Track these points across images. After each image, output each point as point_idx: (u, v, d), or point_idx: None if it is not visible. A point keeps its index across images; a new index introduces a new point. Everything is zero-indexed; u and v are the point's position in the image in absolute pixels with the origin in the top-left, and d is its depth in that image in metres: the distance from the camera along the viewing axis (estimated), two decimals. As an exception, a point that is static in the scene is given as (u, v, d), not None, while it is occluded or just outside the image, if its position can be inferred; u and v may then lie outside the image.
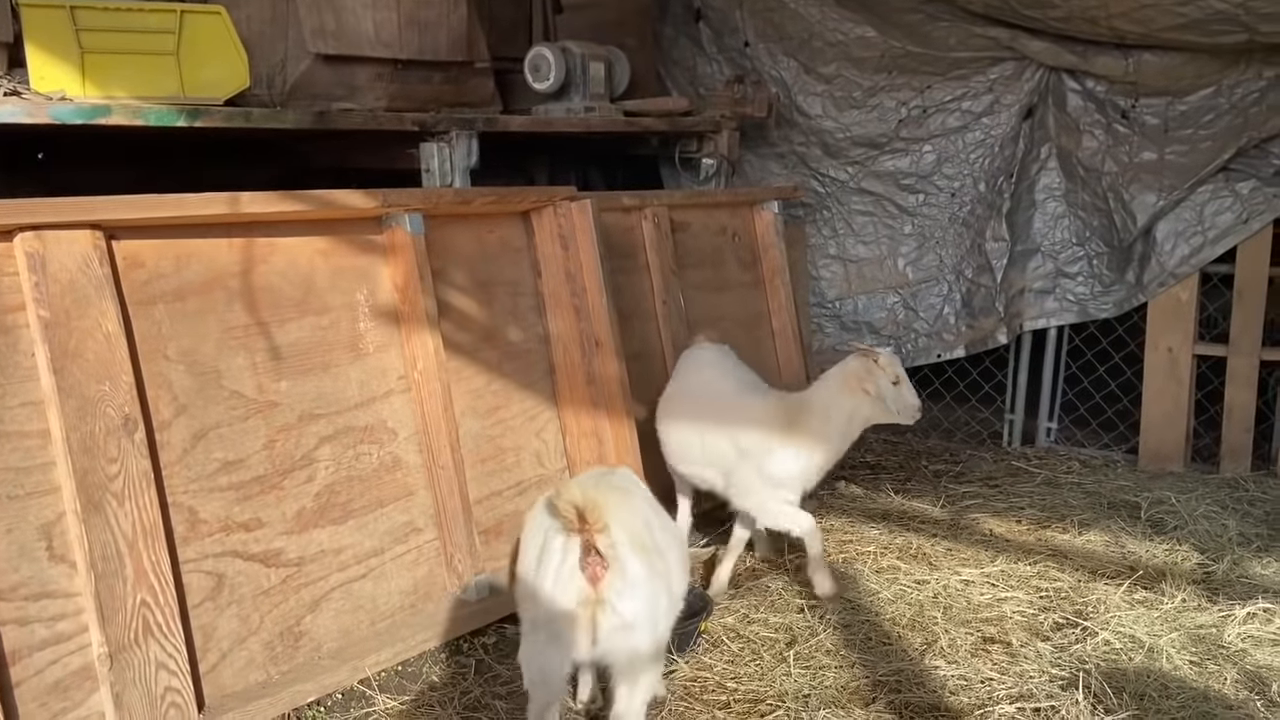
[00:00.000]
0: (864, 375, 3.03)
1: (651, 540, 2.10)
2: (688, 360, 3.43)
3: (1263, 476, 4.04)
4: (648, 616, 2.04)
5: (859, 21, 4.43)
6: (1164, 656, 2.66)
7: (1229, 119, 4.01)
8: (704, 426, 3.16)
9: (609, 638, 2.02)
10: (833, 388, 3.09)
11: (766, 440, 3.04)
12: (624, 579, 1.99)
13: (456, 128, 3.31)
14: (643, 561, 2.03)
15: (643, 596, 2.02)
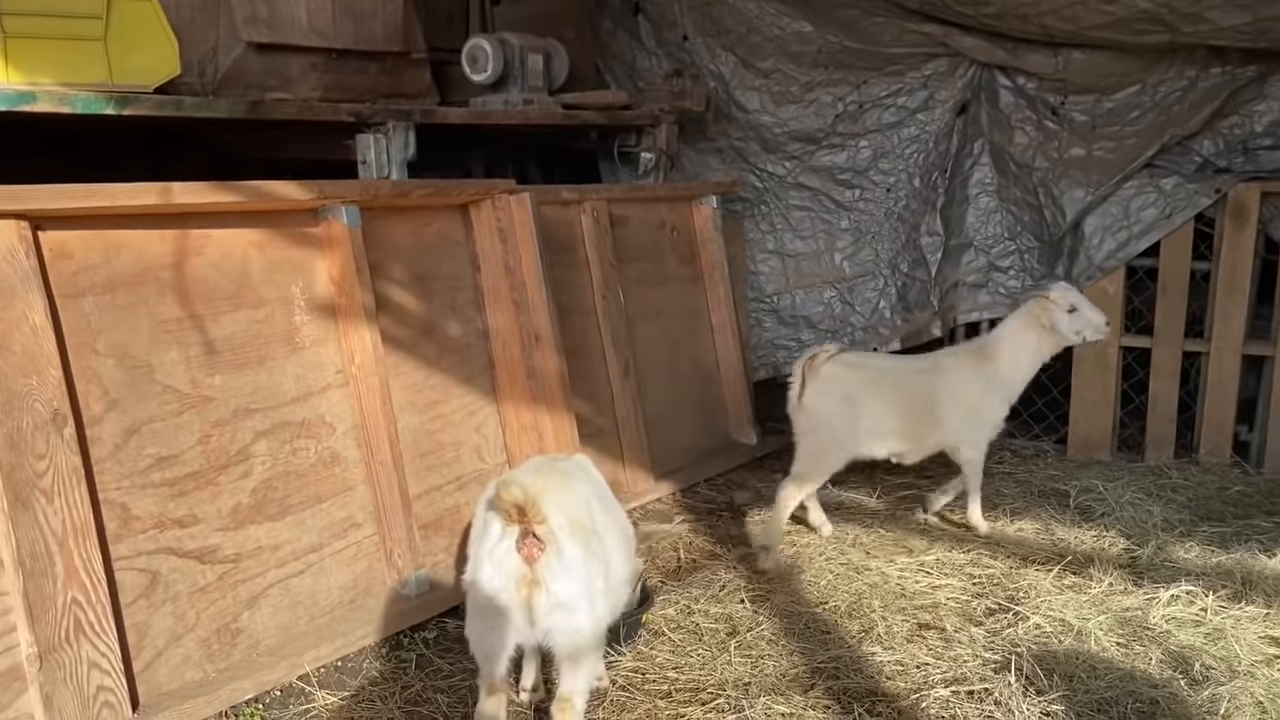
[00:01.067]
0: (1039, 313, 3.45)
1: (591, 523, 2.16)
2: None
3: (1185, 464, 4.18)
4: (584, 597, 2.10)
5: (796, 17, 4.47)
6: (1092, 639, 2.74)
7: (1153, 117, 4.13)
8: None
9: (546, 618, 2.08)
10: (1015, 326, 3.52)
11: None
12: (559, 560, 2.06)
13: (393, 119, 3.27)
14: (579, 544, 2.10)
15: (578, 578, 2.09)
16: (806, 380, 3.42)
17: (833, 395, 3.39)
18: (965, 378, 3.49)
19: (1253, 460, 4.17)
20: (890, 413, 3.42)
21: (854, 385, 3.41)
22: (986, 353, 3.54)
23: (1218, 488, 3.92)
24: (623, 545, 2.31)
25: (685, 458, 4.18)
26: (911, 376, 3.54)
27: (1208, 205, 4.09)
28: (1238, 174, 4.10)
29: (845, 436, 3.40)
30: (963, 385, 3.47)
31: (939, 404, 3.46)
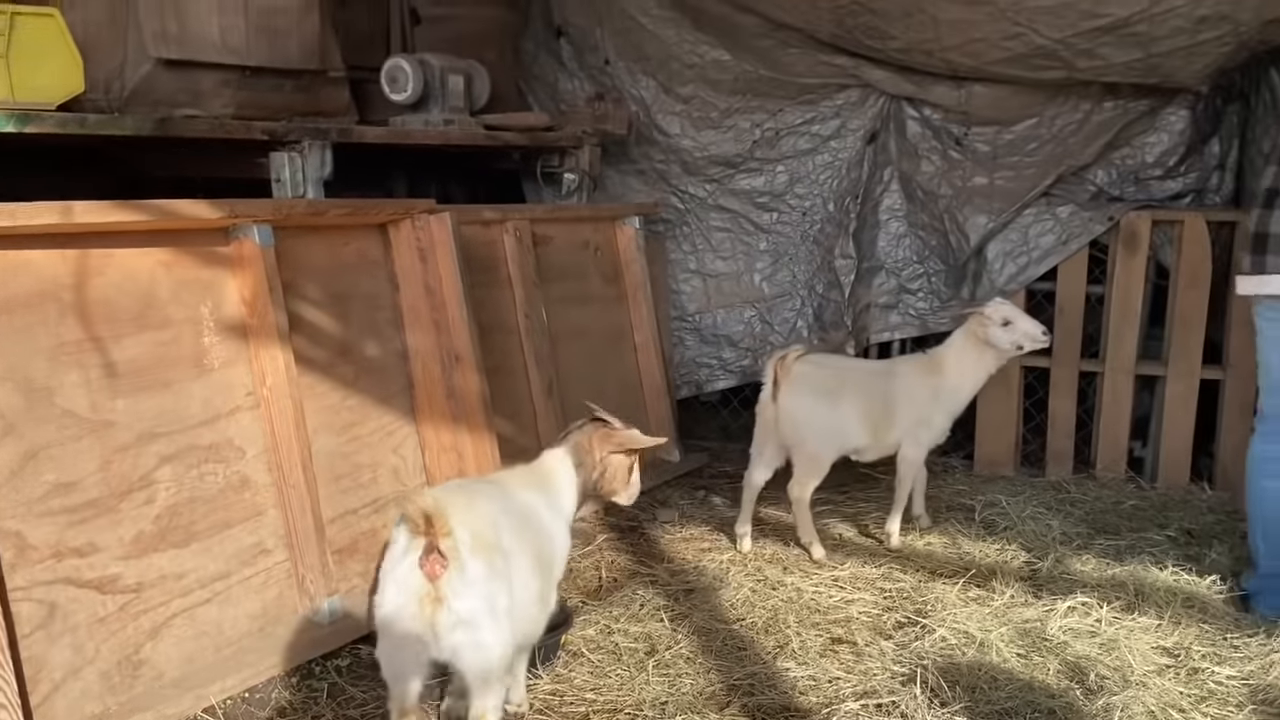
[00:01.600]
0: (976, 328, 3.62)
1: (496, 540, 2.15)
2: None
3: (1083, 479, 4.35)
4: (488, 614, 2.10)
5: (714, 45, 4.57)
6: (994, 650, 2.83)
7: (1050, 148, 4.32)
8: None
9: (449, 634, 2.08)
10: (958, 342, 3.69)
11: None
12: (461, 577, 2.06)
13: (309, 137, 3.24)
14: (482, 560, 2.10)
15: (480, 595, 2.09)
16: (780, 379, 3.52)
17: (806, 391, 3.51)
18: (916, 384, 3.66)
19: (1146, 475, 4.36)
20: (854, 410, 3.56)
21: (824, 382, 3.55)
22: (936, 362, 3.71)
23: (1113, 502, 4.08)
24: (535, 565, 2.32)
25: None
26: (870, 378, 3.72)
27: (1101, 232, 4.29)
28: (1129, 203, 4.31)
29: (826, 428, 3.54)
30: (914, 391, 3.64)
31: (895, 405, 3.62)
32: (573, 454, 2.54)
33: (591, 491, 2.57)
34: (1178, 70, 3.83)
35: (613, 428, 2.55)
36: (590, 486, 2.55)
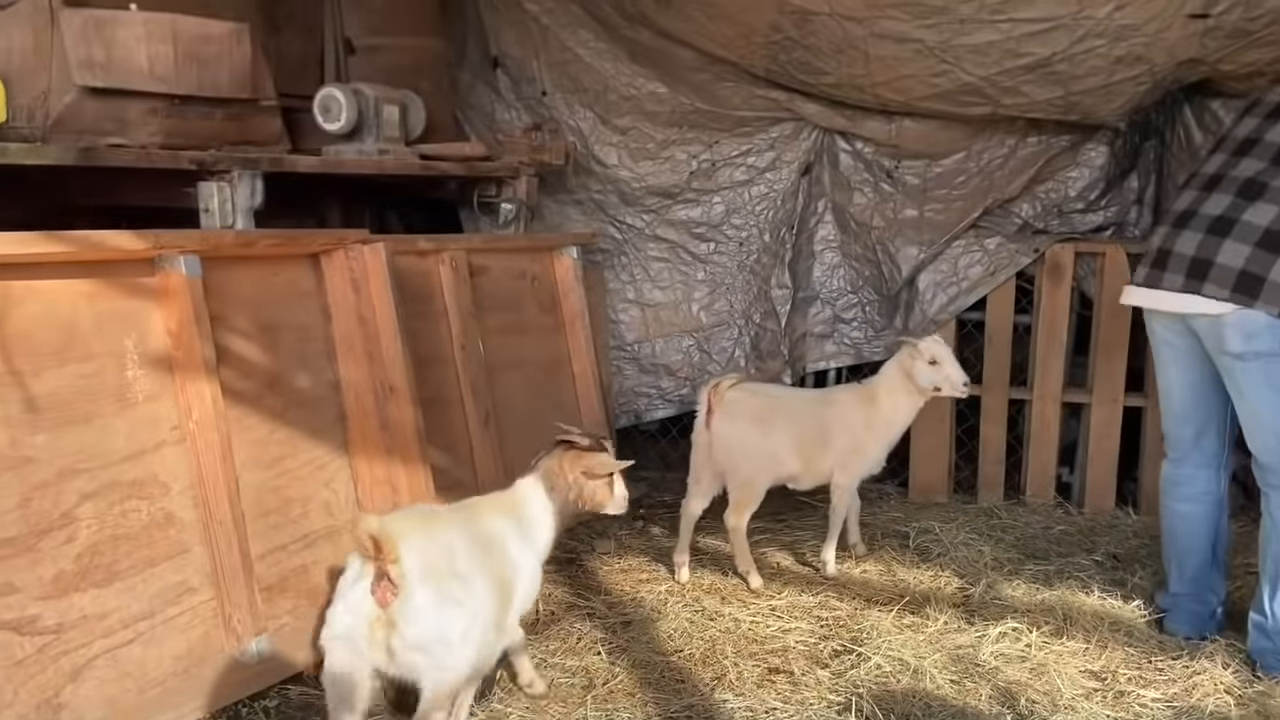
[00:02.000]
0: (905, 360, 3.63)
1: (450, 567, 2.26)
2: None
3: (1014, 505, 4.44)
4: (439, 641, 2.21)
5: (650, 78, 4.62)
6: (928, 677, 2.87)
7: (977, 181, 4.44)
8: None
9: (403, 655, 2.19)
10: (891, 372, 3.71)
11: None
12: (410, 604, 2.16)
13: (239, 167, 3.19)
14: (433, 588, 2.20)
15: (431, 622, 2.20)
16: (713, 406, 3.53)
17: (739, 418, 3.53)
18: (851, 414, 3.70)
19: (1074, 500, 4.47)
20: (787, 437, 3.59)
21: (757, 410, 3.57)
22: (870, 393, 3.75)
23: (1043, 527, 4.17)
24: (493, 591, 2.35)
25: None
26: (804, 406, 3.76)
27: (1028, 263, 4.41)
28: (1054, 235, 4.44)
29: (760, 455, 3.56)
30: (848, 420, 3.68)
31: (829, 434, 3.65)
32: (544, 480, 2.64)
33: (573, 510, 2.67)
34: (1096, 107, 3.96)
35: (581, 450, 2.64)
36: (570, 506, 2.65)
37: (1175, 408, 3.19)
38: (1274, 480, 2.89)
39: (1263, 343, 2.81)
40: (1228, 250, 2.83)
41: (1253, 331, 2.82)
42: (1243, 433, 3.00)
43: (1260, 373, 2.85)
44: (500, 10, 4.79)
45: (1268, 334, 2.80)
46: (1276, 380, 2.84)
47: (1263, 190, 2.84)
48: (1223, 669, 2.91)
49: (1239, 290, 2.80)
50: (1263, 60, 3.69)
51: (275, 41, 4.42)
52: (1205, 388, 3.07)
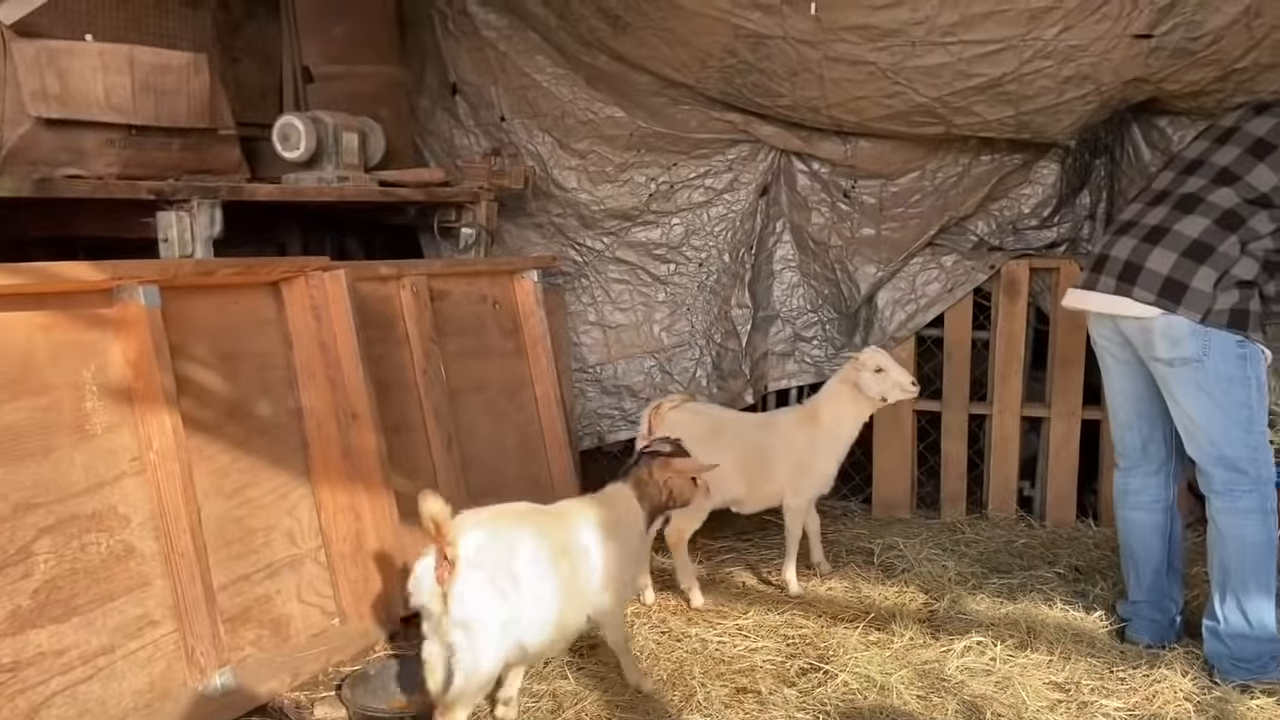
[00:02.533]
0: (850, 373, 3.68)
1: (505, 562, 2.49)
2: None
3: (977, 519, 4.48)
4: (478, 623, 2.43)
5: (608, 102, 4.67)
6: (894, 693, 2.89)
7: (933, 200, 4.52)
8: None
9: (449, 632, 2.45)
10: (834, 388, 3.75)
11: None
12: (458, 585, 2.41)
13: (197, 196, 3.18)
14: (482, 576, 2.43)
15: (472, 606, 2.42)
16: (653, 427, 3.56)
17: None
18: (795, 436, 3.72)
19: (1036, 513, 4.53)
20: (728, 460, 3.56)
21: (698, 431, 3.56)
22: (811, 412, 3.78)
23: (1005, 541, 4.22)
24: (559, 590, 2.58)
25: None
26: (749, 429, 3.77)
27: (984, 280, 4.48)
28: (1009, 251, 4.52)
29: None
30: (793, 442, 3.70)
31: (772, 458, 3.67)
32: (635, 487, 2.89)
33: (661, 510, 2.97)
34: (1047, 126, 4.05)
35: (668, 457, 2.92)
36: (659, 507, 2.94)
37: (1121, 417, 3.27)
38: (1214, 486, 2.97)
39: (1188, 349, 2.89)
40: (1157, 257, 2.92)
41: (1177, 338, 2.89)
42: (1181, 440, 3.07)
43: (1189, 379, 2.92)
44: (458, 38, 4.81)
45: (1191, 340, 2.88)
46: (1206, 385, 2.91)
47: (1197, 204, 2.94)
48: (1181, 676, 2.96)
49: (1164, 295, 2.88)
50: (1205, 79, 3.79)
51: (233, 71, 4.42)
52: (1147, 396, 3.14)
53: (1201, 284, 2.85)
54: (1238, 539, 2.94)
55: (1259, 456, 2.94)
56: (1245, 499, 2.92)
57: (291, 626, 3.10)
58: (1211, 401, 2.91)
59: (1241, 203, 2.88)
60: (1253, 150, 2.93)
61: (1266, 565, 2.95)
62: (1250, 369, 2.91)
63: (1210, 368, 2.88)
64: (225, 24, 4.42)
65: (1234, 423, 2.92)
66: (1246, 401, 2.91)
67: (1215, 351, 2.87)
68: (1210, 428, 2.94)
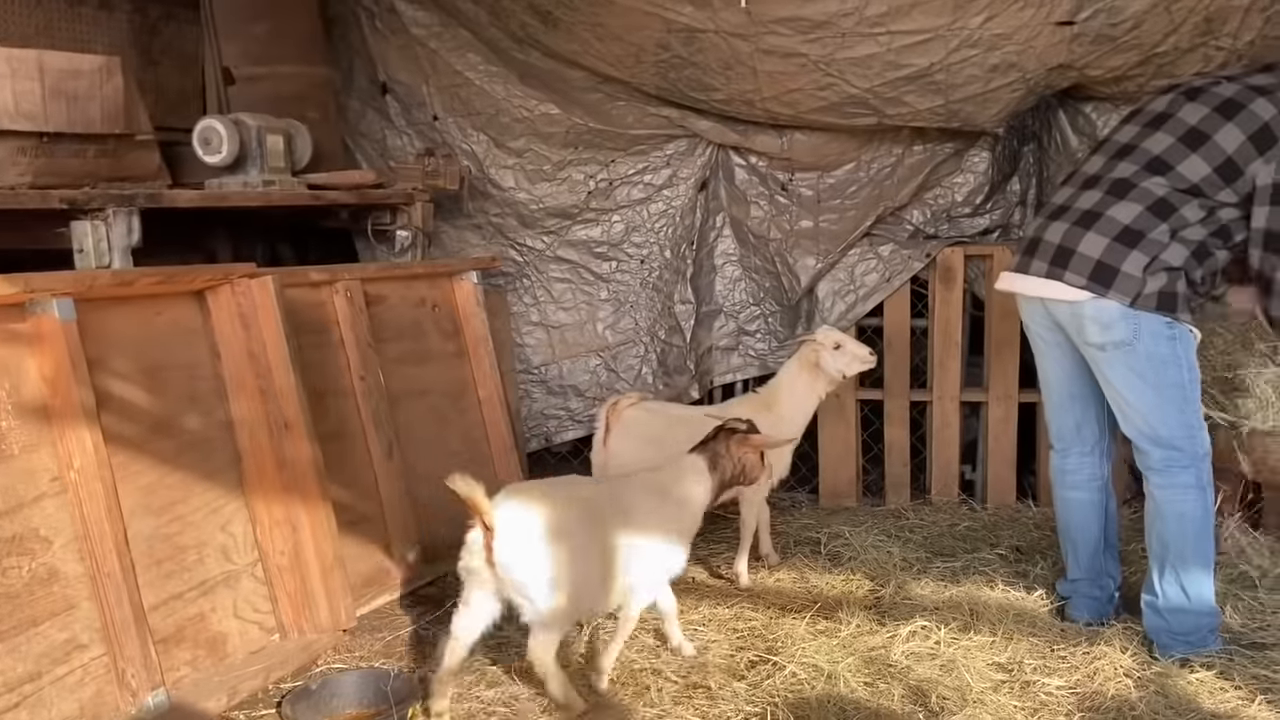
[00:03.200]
0: (808, 354, 3.70)
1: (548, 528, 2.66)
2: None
3: (920, 505, 4.52)
4: (529, 583, 2.64)
5: (543, 99, 4.62)
6: (842, 681, 2.89)
7: (868, 190, 4.54)
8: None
9: (506, 591, 2.68)
10: (790, 371, 3.77)
11: None
12: (501, 552, 2.62)
13: (114, 204, 3.08)
14: (520, 543, 2.64)
15: (519, 569, 2.64)
16: (610, 425, 3.54)
17: (636, 438, 3.54)
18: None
19: (977, 497, 4.58)
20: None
21: (654, 428, 3.57)
22: (766, 400, 3.78)
23: (948, 525, 4.26)
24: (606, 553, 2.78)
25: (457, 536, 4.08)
26: (704, 422, 3.69)
27: (920, 268, 4.51)
28: (944, 240, 4.57)
29: None
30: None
31: None
32: (708, 460, 3.03)
33: (731, 484, 3.09)
34: (976, 115, 4.10)
35: (743, 434, 3.07)
36: (729, 481, 3.07)
37: (1054, 399, 3.31)
38: (1152, 464, 3.01)
39: (1119, 332, 2.93)
40: (1089, 241, 2.95)
41: (1108, 322, 2.93)
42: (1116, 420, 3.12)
43: (1122, 362, 2.96)
44: (387, 36, 4.73)
45: (1122, 324, 2.92)
46: (1138, 368, 2.95)
47: (1129, 190, 2.96)
48: (1121, 653, 3.00)
49: (1095, 279, 2.91)
50: (1127, 64, 3.86)
51: (153, 74, 4.31)
52: (1079, 378, 3.18)
53: (1131, 268, 2.88)
54: (1177, 514, 2.99)
55: (1194, 434, 2.99)
56: (1183, 474, 2.97)
57: (228, 644, 3.02)
58: (1145, 383, 2.96)
59: (1172, 191, 2.92)
60: (1185, 140, 2.95)
61: (1204, 539, 3.00)
62: (1180, 349, 2.95)
63: (1142, 350, 2.93)
64: (142, 27, 4.31)
65: (1168, 401, 2.96)
66: (1179, 381, 2.96)
67: (1145, 334, 2.91)
68: (1145, 408, 2.98)
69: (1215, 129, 2.91)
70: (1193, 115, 2.97)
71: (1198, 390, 3.02)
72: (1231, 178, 2.89)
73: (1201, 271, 2.96)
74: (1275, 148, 2.85)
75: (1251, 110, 2.89)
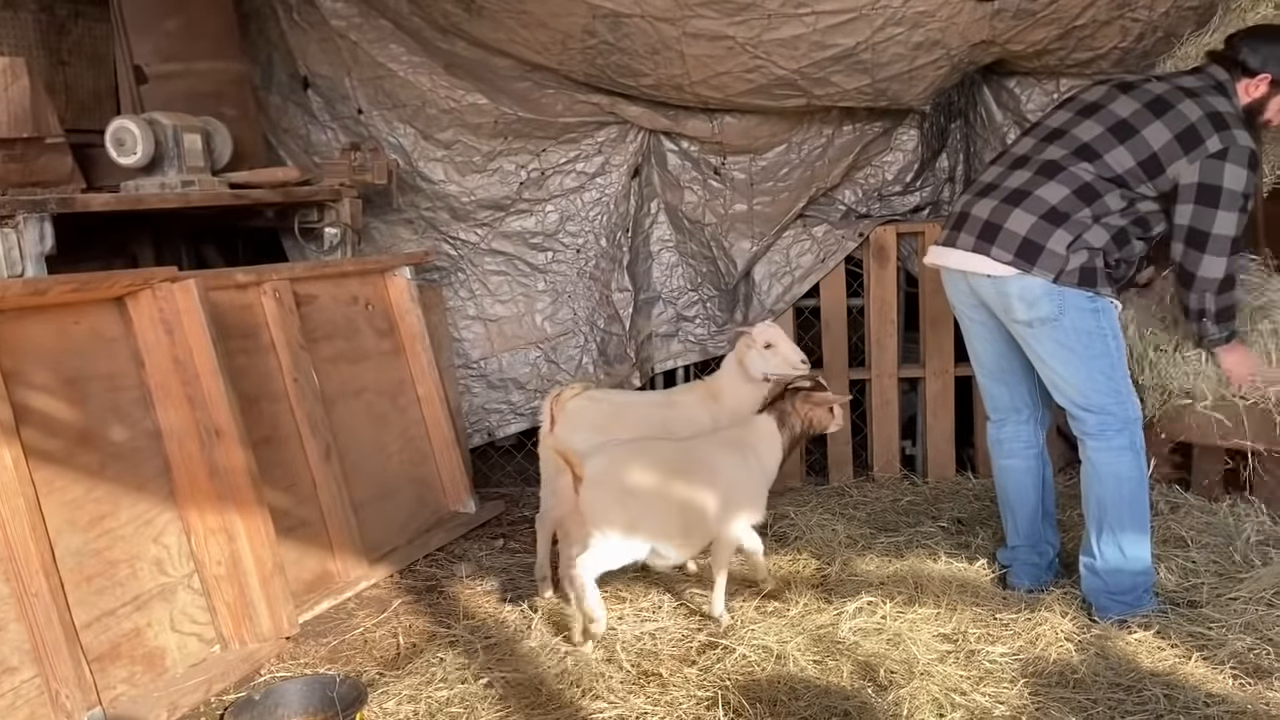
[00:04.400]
0: (742, 349, 3.70)
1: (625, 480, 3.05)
2: None
3: (863, 482, 4.58)
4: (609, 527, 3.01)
5: (470, 90, 4.55)
6: (791, 661, 2.91)
7: (800, 172, 4.57)
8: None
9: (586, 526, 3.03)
10: (730, 363, 3.78)
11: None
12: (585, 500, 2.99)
13: (24, 210, 2.97)
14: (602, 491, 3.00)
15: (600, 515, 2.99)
16: (555, 416, 3.51)
17: (581, 428, 3.49)
18: (696, 412, 3.70)
19: (919, 471, 4.65)
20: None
21: (599, 417, 3.53)
22: (712, 389, 3.77)
23: (891, 500, 4.31)
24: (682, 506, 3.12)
25: (401, 536, 4.05)
26: (650, 410, 3.76)
27: (854, 248, 4.56)
28: (876, 219, 4.61)
29: None
30: (694, 418, 3.68)
31: (677, 434, 3.61)
32: (778, 418, 3.34)
33: (801, 438, 3.43)
34: (902, 93, 4.13)
35: (808, 390, 3.37)
36: (799, 436, 3.40)
37: (986, 372, 3.38)
38: (1087, 429, 3.08)
39: (1044, 309, 3.00)
40: (1016, 218, 3.01)
41: (1033, 299, 3.00)
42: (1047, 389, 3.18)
43: (1049, 337, 3.04)
44: (305, 29, 4.62)
45: (1046, 301, 2.99)
46: (1066, 341, 3.02)
47: (1058, 172, 3.04)
48: (1061, 618, 3.06)
49: (1020, 255, 2.98)
50: (1047, 38, 3.93)
51: (62, 74, 4.16)
52: (1008, 353, 3.25)
53: (1056, 246, 2.96)
54: (1114, 475, 3.07)
55: (1125, 399, 3.07)
56: (1117, 437, 3.06)
57: (167, 658, 2.95)
58: (1074, 355, 3.03)
59: (1098, 178, 3.00)
60: (1114, 131, 3.03)
61: (1139, 500, 3.09)
62: (1105, 320, 3.04)
63: (1067, 324, 3.00)
64: (49, 26, 4.15)
65: (1097, 370, 3.04)
66: (1105, 352, 3.04)
67: (1070, 309, 2.99)
68: (1075, 379, 3.06)
69: (1144, 124, 3.00)
70: (1124, 108, 3.06)
71: (1124, 357, 3.11)
72: (1154, 173, 2.99)
73: (1119, 255, 3.05)
74: (1199, 148, 2.94)
75: (1180, 110, 2.98)
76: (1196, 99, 3.00)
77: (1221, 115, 2.97)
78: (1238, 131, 2.95)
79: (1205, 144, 2.93)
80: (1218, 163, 2.92)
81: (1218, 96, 3.03)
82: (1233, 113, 3.01)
